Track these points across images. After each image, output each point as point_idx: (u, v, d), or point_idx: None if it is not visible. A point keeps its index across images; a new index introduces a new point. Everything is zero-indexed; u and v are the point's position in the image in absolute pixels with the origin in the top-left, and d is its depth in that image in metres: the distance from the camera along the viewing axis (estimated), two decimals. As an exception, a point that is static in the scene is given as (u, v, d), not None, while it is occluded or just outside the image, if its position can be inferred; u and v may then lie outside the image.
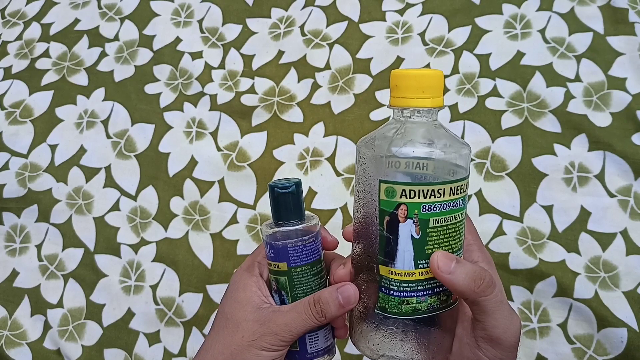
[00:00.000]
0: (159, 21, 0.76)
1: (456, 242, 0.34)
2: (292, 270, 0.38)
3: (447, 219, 0.33)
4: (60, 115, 0.73)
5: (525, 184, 0.60)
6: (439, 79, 0.34)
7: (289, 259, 0.38)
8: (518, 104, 0.62)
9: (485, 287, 0.33)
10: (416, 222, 0.33)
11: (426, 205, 0.32)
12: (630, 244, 0.56)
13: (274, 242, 0.38)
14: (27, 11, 0.81)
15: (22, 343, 0.64)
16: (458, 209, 0.33)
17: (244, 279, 0.39)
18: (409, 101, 0.33)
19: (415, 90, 0.33)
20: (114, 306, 0.64)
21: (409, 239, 0.33)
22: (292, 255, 0.38)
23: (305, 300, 0.37)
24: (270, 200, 0.38)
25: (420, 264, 0.33)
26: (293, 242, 0.38)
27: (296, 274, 0.38)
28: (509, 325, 0.33)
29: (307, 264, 0.38)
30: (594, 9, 0.65)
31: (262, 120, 0.68)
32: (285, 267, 0.38)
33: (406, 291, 0.34)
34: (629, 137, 0.59)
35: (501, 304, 0.33)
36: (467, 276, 0.33)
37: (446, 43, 0.67)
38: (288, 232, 0.38)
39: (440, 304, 0.34)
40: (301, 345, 0.39)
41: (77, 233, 0.67)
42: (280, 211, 0.38)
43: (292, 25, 0.72)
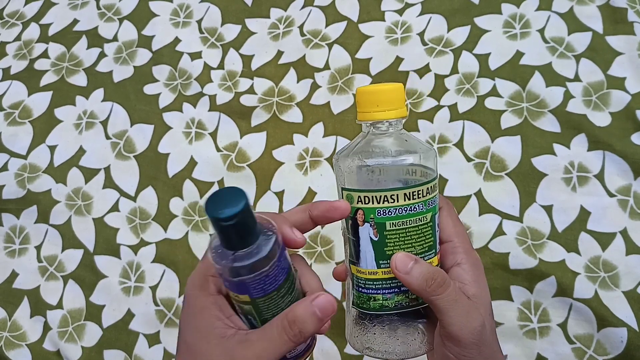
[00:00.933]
0: (158, 21, 0.76)
1: (420, 244, 0.36)
2: (256, 301, 0.32)
3: (406, 222, 0.35)
4: (59, 116, 0.73)
5: (525, 183, 0.60)
6: (395, 93, 0.36)
7: (250, 292, 0.31)
8: (517, 104, 0.62)
9: (436, 287, 0.34)
10: (373, 225, 0.35)
11: (381, 210, 0.35)
12: (630, 244, 0.56)
13: (228, 277, 0.31)
14: (25, 12, 0.81)
15: (22, 344, 0.64)
16: (418, 213, 0.35)
17: (201, 301, 0.33)
18: (365, 115, 0.36)
19: (371, 105, 0.36)
20: (114, 307, 0.64)
21: (368, 241, 0.36)
22: (253, 288, 0.31)
23: (278, 323, 0.32)
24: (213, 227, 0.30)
25: (382, 264, 0.36)
26: (252, 277, 0.31)
27: (261, 303, 0.32)
28: (464, 324, 0.34)
29: (272, 292, 0.32)
30: (593, 9, 0.65)
31: (262, 121, 0.68)
32: (248, 299, 0.32)
33: (372, 288, 0.36)
34: (628, 136, 0.59)
35: (455, 303, 0.34)
36: (421, 276, 0.34)
37: (445, 43, 0.67)
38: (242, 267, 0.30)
39: (409, 302, 0.36)
40: None
41: (76, 234, 0.67)
42: (228, 241, 0.30)
43: (291, 26, 0.72)
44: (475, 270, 0.37)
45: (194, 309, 0.34)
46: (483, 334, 0.35)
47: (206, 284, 0.34)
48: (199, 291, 0.34)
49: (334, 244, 0.61)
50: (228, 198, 0.29)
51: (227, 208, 0.28)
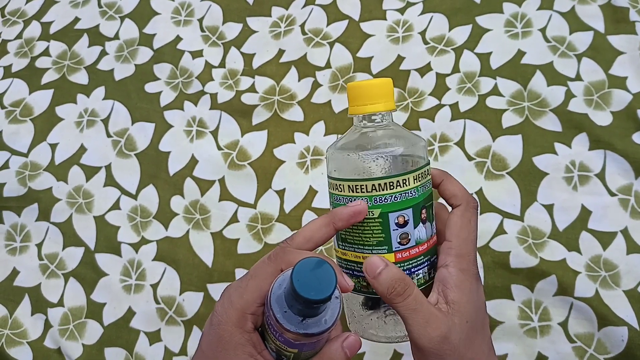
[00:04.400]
0: (159, 20, 0.76)
1: (367, 237, 0.38)
2: (301, 354, 0.34)
3: None
4: (60, 114, 0.73)
5: (526, 182, 0.60)
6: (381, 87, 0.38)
7: (302, 349, 0.33)
8: (519, 103, 0.62)
9: (395, 295, 0.35)
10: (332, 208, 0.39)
11: (334, 196, 0.39)
12: (631, 243, 0.56)
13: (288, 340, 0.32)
14: (27, 10, 0.81)
15: (23, 342, 0.64)
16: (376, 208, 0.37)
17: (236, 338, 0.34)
18: (352, 109, 0.39)
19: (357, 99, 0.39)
20: (115, 305, 0.64)
21: None
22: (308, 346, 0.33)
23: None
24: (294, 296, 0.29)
25: (340, 244, 0.40)
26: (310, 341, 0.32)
27: (305, 355, 0.34)
28: (422, 333, 0.34)
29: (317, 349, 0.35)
30: (595, 8, 0.65)
31: (263, 119, 0.68)
32: (296, 351, 0.33)
33: (339, 265, 0.40)
34: (629, 136, 0.59)
35: (413, 312, 0.35)
36: (385, 283, 0.35)
37: (447, 42, 0.67)
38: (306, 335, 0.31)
39: (361, 287, 0.39)
40: None
41: (77, 232, 0.67)
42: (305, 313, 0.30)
43: (292, 24, 0.72)
44: (461, 276, 0.37)
45: (228, 345, 0.34)
46: (445, 344, 0.34)
47: (244, 322, 0.34)
48: (235, 328, 0.34)
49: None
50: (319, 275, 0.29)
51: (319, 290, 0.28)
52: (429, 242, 0.39)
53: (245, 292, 0.35)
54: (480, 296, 0.38)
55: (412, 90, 0.66)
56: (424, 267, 0.38)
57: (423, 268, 0.38)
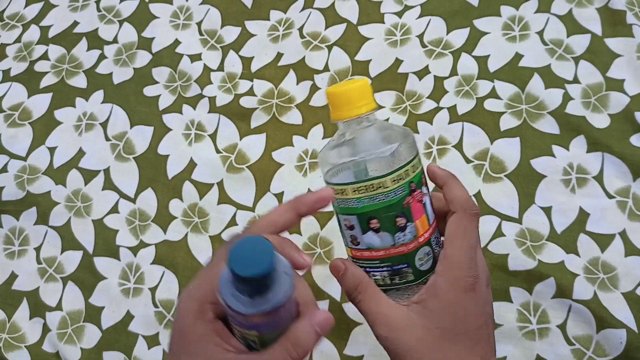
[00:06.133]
0: (158, 24, 0.76)
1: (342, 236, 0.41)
2: (264, 335, 0.32)
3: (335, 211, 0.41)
4: (59, 118, 0.73)
5: (524, 185, 0.60)
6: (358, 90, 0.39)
7: (260, 329, 0.32)
8: (517, 106, 0.63)
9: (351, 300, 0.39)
10: None
11: None
12: (629, 245, 0.56)
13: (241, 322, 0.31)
14: (25, 14, 0.81)
15: (21, 346, 0.64)
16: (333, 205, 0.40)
17: (199, 330, 0.33)
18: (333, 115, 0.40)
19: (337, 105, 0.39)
20: (113, 309, 0.64)
21: None
22: (264, 326, 0.32)
23: (282, 348, 0.32)
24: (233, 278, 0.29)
25: None
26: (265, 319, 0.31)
27: (268, 335, 0.33)
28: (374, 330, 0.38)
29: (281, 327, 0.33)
30: (592, 11, 0.65)
31: (261, 122, 0.68)
32: (256, 334, 0.32)
33: None
34: (627, 138, 0.59)
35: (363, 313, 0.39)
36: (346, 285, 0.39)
37: (445, 45, 0.67)
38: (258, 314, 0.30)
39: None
40: None
41: (76, 235, 0.67)
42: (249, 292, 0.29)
43: (291, 28, 0.72)
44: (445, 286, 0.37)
45: (192, 337, 0.33)
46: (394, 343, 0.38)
47: (204, 312, 0.33)
48: (195, 320, 0.33)
49: (333, 245, 0.61)
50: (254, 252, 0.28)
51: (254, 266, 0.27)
52: (387, 251, 0.38)
53: (202, 282, 0.34)
54: (470, 307, 0.37)
55: (410, 93, 0.66)
56: (381, 271, 0.39)
57: (381, 272, 0.39)
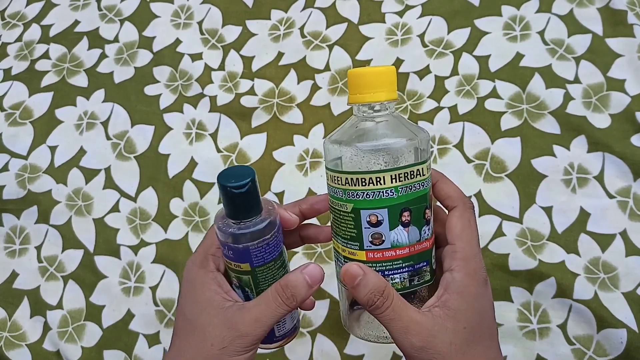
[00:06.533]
0: (159, 23, 0.76)
1: (342, 230, 0.36)
2: (255, 270, 0.35)
3: (334, 203, 0.37)
4: (60, 117, 0.73)
5: (525, 185, 0.60)
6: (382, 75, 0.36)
7: (252, 260, 0.35)
8: (517, 106, 0.63)
9: (374, 309, 0.35)
10: None
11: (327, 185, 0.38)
12: (630, 245, 0.56)
13: (233, 245, 0.34)
14: (27, 13, 0.81)
15: (22, 344, 0.64)
16: (337, 198, 0.36)
17: (201, 277, 0.36)
18: (352, 97, 0.37)
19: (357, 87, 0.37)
20: (114, 307, 0.64)
21: None
22: (255, 255, 0.35)
23: (272, 290, 0.35)
24: (222, 198, 0.34)
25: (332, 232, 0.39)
26: (255, 243, 0.34)
27: (260, 272, 0.36)
28: (403, 339, 0.34)
29: (270, 261, 0.36)
30: (593, 11, 0.65)
31: (262, 122, 0.68)
32: (248, 268, 0.35)
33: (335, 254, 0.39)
34: (628, 138, 0.59)
35: (392, 322, 0.34)
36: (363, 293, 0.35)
37: (446, 45, 0.67)
38: (248, 233, 0.34)
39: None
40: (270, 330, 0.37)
41: (76, 234, 0.67)
42: (236, 211, 0.34)
43: (291, 27, 0.72)
44: (466, 281, 0.35)
45: (194, 285, 0.36)
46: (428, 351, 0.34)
47: (206, 262, 0.36)
48: (199, 268, 0.36)
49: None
50: (238, 172, 0.33)
51: (237, 179, 0.33)
52: (412, 248, 0.36)
53: (205, 238, 0.38)
54: (487, 302, 0.37)
55: (411, 92, 0.66)
56: (402, 273, 0.36)
57: (401, 274, 0.36)
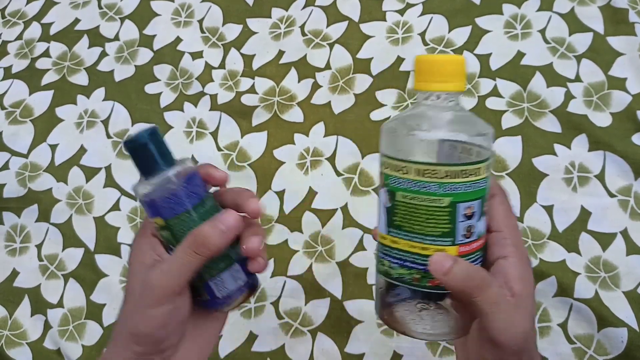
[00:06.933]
0: (160, 21, 0.76)
1: (431, 226, 0.34)
2: (169, 223, 0.35)
3: (416, 198, 0.34)
4: (60, 115, 0.73)
5: (526, 184, 0.60)
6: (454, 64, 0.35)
7: (161, 213, 0.35)
8: (518, 104, 0.63)
9: (474, 288, 0.32)
10: (387, 191, 0.36)
11: (394, 179, 0.35)
12: (631, 244, 0.56)
13: (142, 200, 0.35)
14: (27, 11, 0.81)
15: (22, 343, 0.64)
16: (430, 193, 0.34)
17: (137, 243, 0.37)
18: (419, 84, 0.35)
19: (426, 74, 0.35)
20: (115, 306, 0.64)
21: (382, 206, 0.36)
22: (163, 207, 0.35)
23: (184, 241, 0.35)
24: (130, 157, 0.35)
25: (391, 231, 0.36)
26: (160, 196, 0.34)
27: (176, 225, 0.35)
28: (506, 329, 0.32)
29: (184, 212, 0.35)
30: (594, 9, 0.65)
31: (263, 120, 0.68)
32: (162, 222, 0.35)
33: (382, 252, 0.37)
34: (629, 137, 0.59)
35: (496, 306, 0.32)
36: (459, 278, 0.32)
37: (446, 43, 0.67)
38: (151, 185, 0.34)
39: (412, 280, 0.35)
40: (208, 292, 0.37)
41: (77, 233, 0.67)
42: (140, 166, 0.35)
43: (292, 25, 0.72)
44: (523, 266, 0.34)
45: (135, 247, 0.37)
46: (526, 341, 0.33)
47: (144, 230, 0.38)
48: (138, 237, 0.38)
49: (334, 244, 0.61)
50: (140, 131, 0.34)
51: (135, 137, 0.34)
52: (484, 237, 0.36)
53: None
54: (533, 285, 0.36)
55: (411, 91, 0.66)
56: (479, 264, 0.35)
57: (478, 264, 0.35)
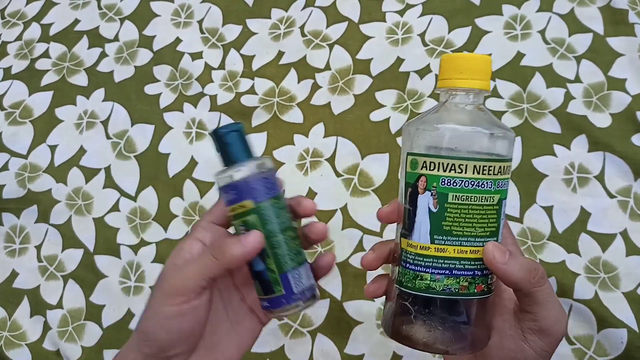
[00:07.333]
0: (159, 22, 0.76)
1: (482, 226, 0.33)
2: (260, 206, 0.36)
3: (470, 197, 0.33)
4: (60, 116, 0.73)
5: (525, 184, 0.60)
6: (481, 62, 0.34)
7: (254, 195, 0.36)
8: (518, 105, 0.62)
9: (539, 278, 0.33)
10: (434, 194, 0.33)
11: (445, 179, 0.33)
12: (630, 245, 0.56)
13: (233, 182, 0.36)
14: (27, 11, 0.81)
15: (22, 344, 0.64)
16: (485, 191, 0.33)
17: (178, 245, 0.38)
18: (445, 82, 0.34)
19: (453, 72, 0.34)
20: (114, 307, 0.64)
21: (426, 212, 0.33)
22: (256, 189, 0.36)
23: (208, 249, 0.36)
24: (218, 147, 0.37)
25: (436, 239, 0.33)
26: (253, 175, 0.36)
27: (265, 208, 0.36)
28: (559, 317, 0.34)
29: (273, 197, 0.36)
30: (594, 10, 0.65)
31: (262, 121, 0.68)
32: (252, 205, 0.36)
33: (421, 265, 0.34)
34: (628, 137, 0.59)
35: (552, 296, 0.34)
36: (523, 267, 0.33)
37: (446, 44, 0.67)
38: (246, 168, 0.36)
39: (459, 289, 0.34)
40: (285, 285, 0.36)
41: (76, 234, 0.67)
42: (231, 154, 0.37)
43: (292, 26, 0.72)
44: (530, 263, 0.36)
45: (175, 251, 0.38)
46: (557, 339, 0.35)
47: (193, 232, 0.38)
48: (186, 238, 0.38)
49: (334, 244, 0.61)
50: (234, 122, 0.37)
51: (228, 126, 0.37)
52: None
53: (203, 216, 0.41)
54: None
55: (411, 92, 0.66)
56: None
57: None
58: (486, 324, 0.36)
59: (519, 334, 0.35)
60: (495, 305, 0.37)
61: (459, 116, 0.34)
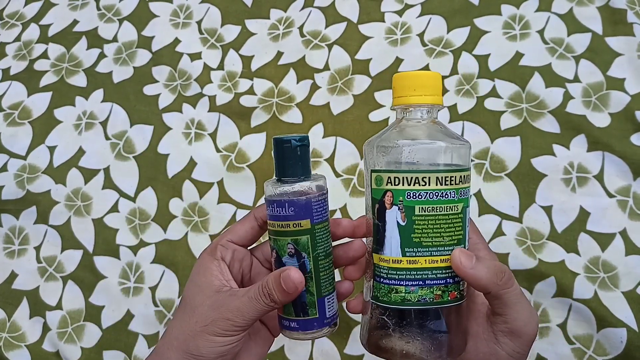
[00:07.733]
0: (158, 22, 0.76)
1: (449, 234, 0.35)
2: (315, 228, 0.35)
3: (436, 208, 0.34)
4: (58, 117, 0.73)
5: (525, 184, 0.60)
6: (432, 79, 0.36)
7: (312, 215, 0.35)
8: (517, 105, 0.63)
9: (507, 280, 0.34)
10: (401, 209, 0.34)
11: (410, 192, 0.34)
12: (630, 244, 0.56)
13: (295, 199, 0.35)
14: (25, 12, 0.81)
15: (21, 345, 0.64)
16: (449, 201, 0.34)
17: (206, 262, 0.38)
18: (400, 99, 0.36)
19: (407, 89, 0.36)
20: (113, 308, 0.64)
21: (395, 226, 0.35)
22: (316, 210, 0.35)
23: (258, 284, 0.36)
24: (282, 156, 0.35)
25: (407, 251, 0.34)
26: (316, 196, 0.35)
27: (320, 230, 0.35)
28: (530, 318, 0.35)
29: (326, 220, 0.36)
30: (593, 10, 0.65)
31: (261, 121, 0.68)
32: (309, 225, 0.35)
33: (394, 279, 0.35)
34: (627, 137, 0.59)
35: (521, 297, 0.35)
36: (490, 270, 0.34)
37: (445, 44, 0.67)
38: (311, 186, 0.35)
39: (433, 299, 0.35)
40: (320, 309, 0.36)
41: (76, 235, 0.67)
42: (295, 167, 0.35)
43: (291, 26, 0.72)
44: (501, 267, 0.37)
45: (199, 269, 0.38)
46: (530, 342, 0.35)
47: (214, 251, 0.38)
48: (206, 255, 0.38)
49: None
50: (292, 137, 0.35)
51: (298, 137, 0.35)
52: None
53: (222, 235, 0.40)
54: None
55: (410, 92, 0.66)
56: None
57: None
58: (462, 330, 0.36)
59: (491, 337, 0.36)
60: (469, 311, 0.37)
61: (416, 131, 0.36)
